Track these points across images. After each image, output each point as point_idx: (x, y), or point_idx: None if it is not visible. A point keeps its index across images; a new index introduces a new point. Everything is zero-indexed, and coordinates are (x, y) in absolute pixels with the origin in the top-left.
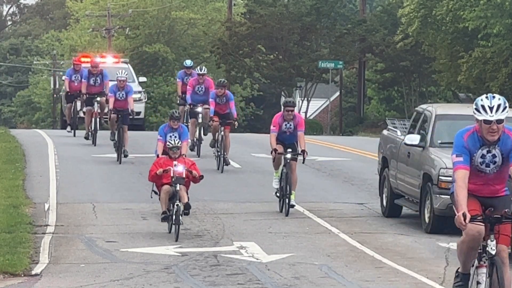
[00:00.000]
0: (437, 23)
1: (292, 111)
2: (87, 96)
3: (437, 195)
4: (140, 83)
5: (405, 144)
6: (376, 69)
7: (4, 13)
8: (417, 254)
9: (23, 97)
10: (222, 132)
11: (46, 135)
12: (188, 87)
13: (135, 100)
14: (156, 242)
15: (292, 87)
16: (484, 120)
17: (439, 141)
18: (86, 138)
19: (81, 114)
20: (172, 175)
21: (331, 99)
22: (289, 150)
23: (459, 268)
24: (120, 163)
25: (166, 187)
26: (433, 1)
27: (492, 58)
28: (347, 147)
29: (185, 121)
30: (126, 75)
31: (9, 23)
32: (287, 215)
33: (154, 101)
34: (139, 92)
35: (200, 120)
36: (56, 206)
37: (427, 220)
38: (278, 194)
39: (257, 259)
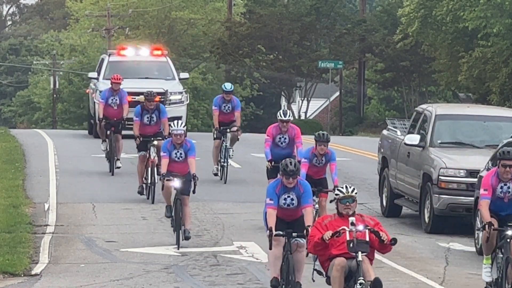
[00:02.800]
0: (437, 23)
1: None
2: (141, 139)
3: (437, 195)
4: (181, 80)
5: (405, 144)
6: (376, 69)
7: (4, 13)
8: (417, 254)
9: (23, 97)
10: (317, 204)
11: (46, 135)
12: (266, 137)
13: (175, 102)
14: (156, 242)
15: (292, 87)
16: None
17: (439, 141)
18: (140, 193)
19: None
20: (348, 238)
21: (331, 99)
22: (510, 224)
23: None
24: (178, 248)
25: (339, 260)
26: (433, 1)
27: (492, 58)
28: (347, 147)
29: (221, 159)
30: (184, 127)
31: (9, 23)
32: None
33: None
34: (180, 92)
35: None
36: (56, 206)
37: (427, 220)
38: None
39: (257, 259)
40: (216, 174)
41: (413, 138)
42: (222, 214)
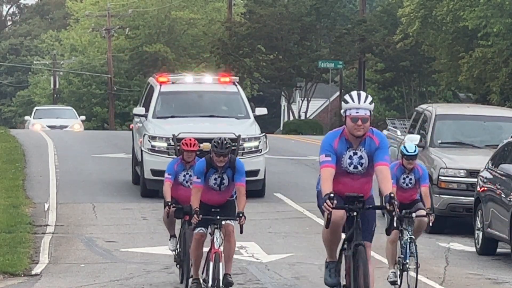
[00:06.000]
0: (437, 23)
1: None
2: (200, 217)
3: (437, 195)
4: (257, 118)
5: None
6: (376, 69)
7: (4, 13)
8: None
9: (23, 97)
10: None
11: (46, 135)
12: None
13: (250, 152)
14: (156, 242)
15: (292, 87)
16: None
17: (439, 141)
18: None
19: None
20: None
21: (331, 99)
22: None
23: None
24: None
25: None
26: (433, 1)
27: (492, 58)
28: None
29: (401, 258)
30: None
31: (9, 23)
32: None
33: None
34: (257, 138)
35: None
36: (56, 206)
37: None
38: None
39: (257, 259)
40: (394, 283)
41: (413, 138)
42: None
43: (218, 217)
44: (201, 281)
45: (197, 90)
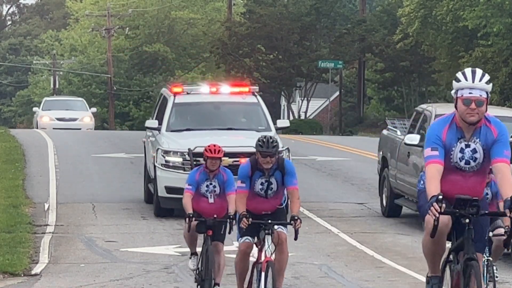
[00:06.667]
0: (437, 23)
1: None
2: (250, 221)
3: None
4: (279, 130)
5: (405, 144)
6: (376, 69)
7: (4, 12)
8: (417, 254)
9: (23, 97)
10: None
11: (46, 135)
12: None
13: None
14: (156, 242)
15: (292, 87)
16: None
17: None
18: None
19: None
20: None
21: (331, 99)
22: None
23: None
24: None
25: None
26: (433, 1)
27: (492, 57)
28: (347, 147)
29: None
30: None
31: (9, 22)
32: None
33: (154, 100)
34: (279, 152)
35: None
36: (56, 206)
37: None
38: None
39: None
40: None
41: (413, 138)
42: None
43: (269, 221)
44: None
45: (214, 101)
